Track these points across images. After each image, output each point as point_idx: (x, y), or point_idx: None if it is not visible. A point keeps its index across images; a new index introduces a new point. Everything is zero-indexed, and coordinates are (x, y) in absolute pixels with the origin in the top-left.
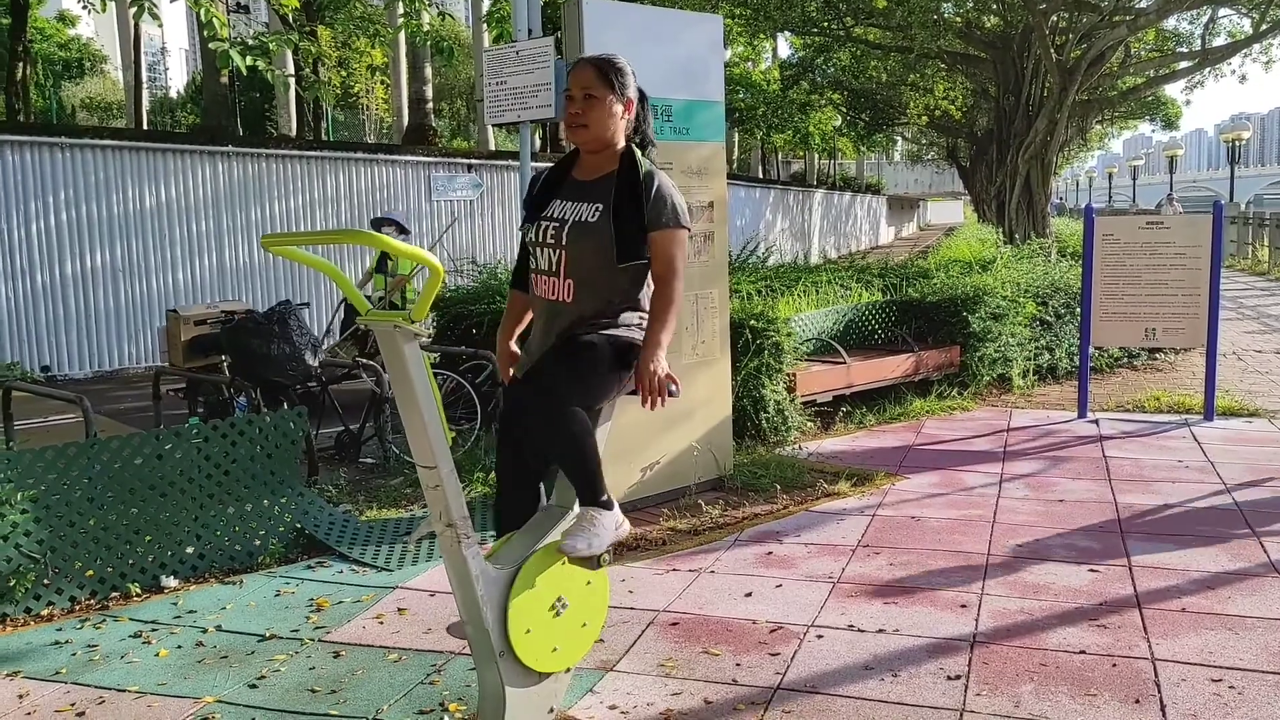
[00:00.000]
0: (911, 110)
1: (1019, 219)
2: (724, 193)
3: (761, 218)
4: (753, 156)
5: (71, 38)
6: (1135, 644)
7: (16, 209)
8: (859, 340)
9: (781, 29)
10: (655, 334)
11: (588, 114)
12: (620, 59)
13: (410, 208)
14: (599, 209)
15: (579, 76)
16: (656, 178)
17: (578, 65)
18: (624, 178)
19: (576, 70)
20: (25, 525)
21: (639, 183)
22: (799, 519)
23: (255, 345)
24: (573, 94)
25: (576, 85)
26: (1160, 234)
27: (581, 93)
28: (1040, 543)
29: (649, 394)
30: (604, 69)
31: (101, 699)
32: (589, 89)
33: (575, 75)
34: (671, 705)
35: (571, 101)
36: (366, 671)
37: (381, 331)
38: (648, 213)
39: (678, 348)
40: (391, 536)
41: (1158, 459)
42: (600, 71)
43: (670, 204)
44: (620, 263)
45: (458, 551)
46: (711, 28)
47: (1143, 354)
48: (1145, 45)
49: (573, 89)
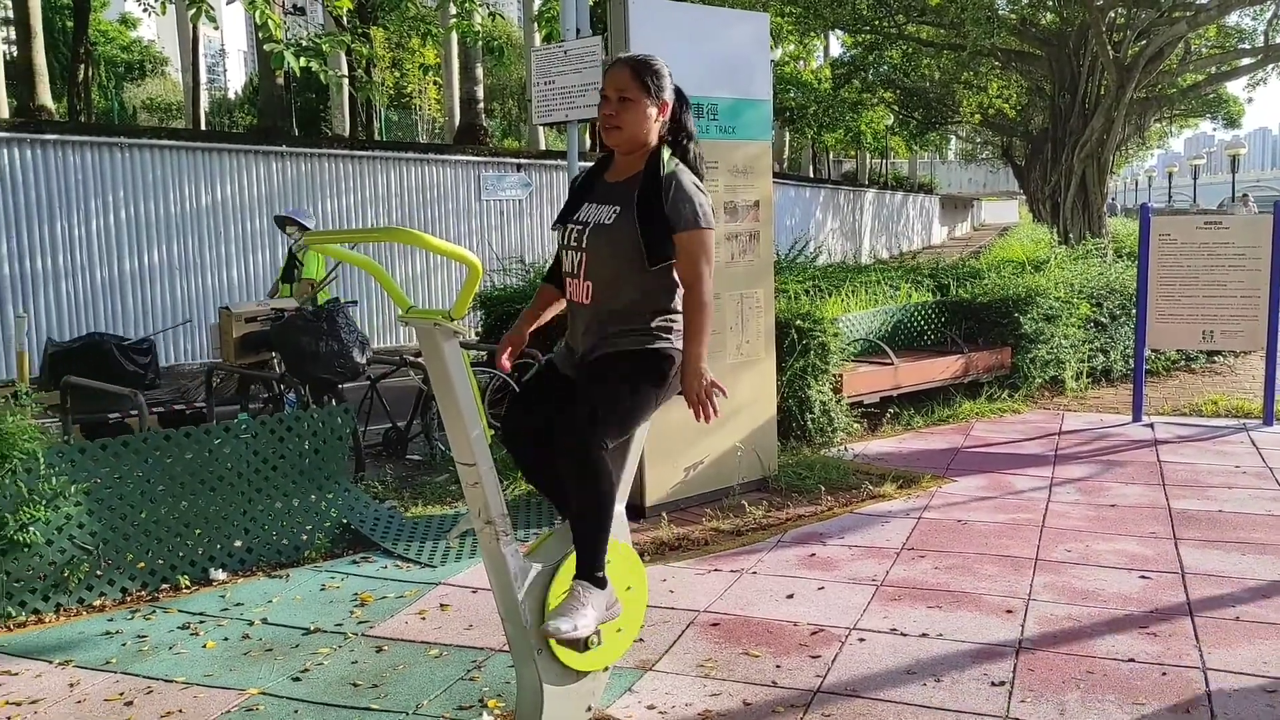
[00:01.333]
0: (965, 109)
1: (1074, 219)
2: (770, 192)
3: (811, 217)
4: (803, 156)
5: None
6: (1186, 653)
7: (77, 207)
8: (907, 341)
9: (832, 27)
10: (693, 348)
11: (621, 116)
12: (656, 60)
13: (460, 207)
14: (616, 211)
15: (614, 78)
16: (678, 177)
17: (613, 66)
18: (647, 179)
19: (612, 72)
20: (79, 517)
21: (660, 183)
22: (843, 521)
23: (304, 342)
24: (608, 95)
25: (611, 87)
26: (1219, 234)
27: (616, 95)
28: (1090, 548)
29: (697, 406)
30: (639, 71)
31: (149, 689)
32: (623, 91)
33: (610, 77)
34: (710, 706)
35: (606, 103)
36: (408, 666)
37: (421, 330)
38: (669, 214)
39: (721, 347)
40: (435, 533)
41: (1214, 464)
42: (635, 73)
43: (692, 204)
44: (651, 265)
45: (496, 549)
46: (758, 26)
47: (1200, 357)
48: (1206, 41)
49: (608, 90)
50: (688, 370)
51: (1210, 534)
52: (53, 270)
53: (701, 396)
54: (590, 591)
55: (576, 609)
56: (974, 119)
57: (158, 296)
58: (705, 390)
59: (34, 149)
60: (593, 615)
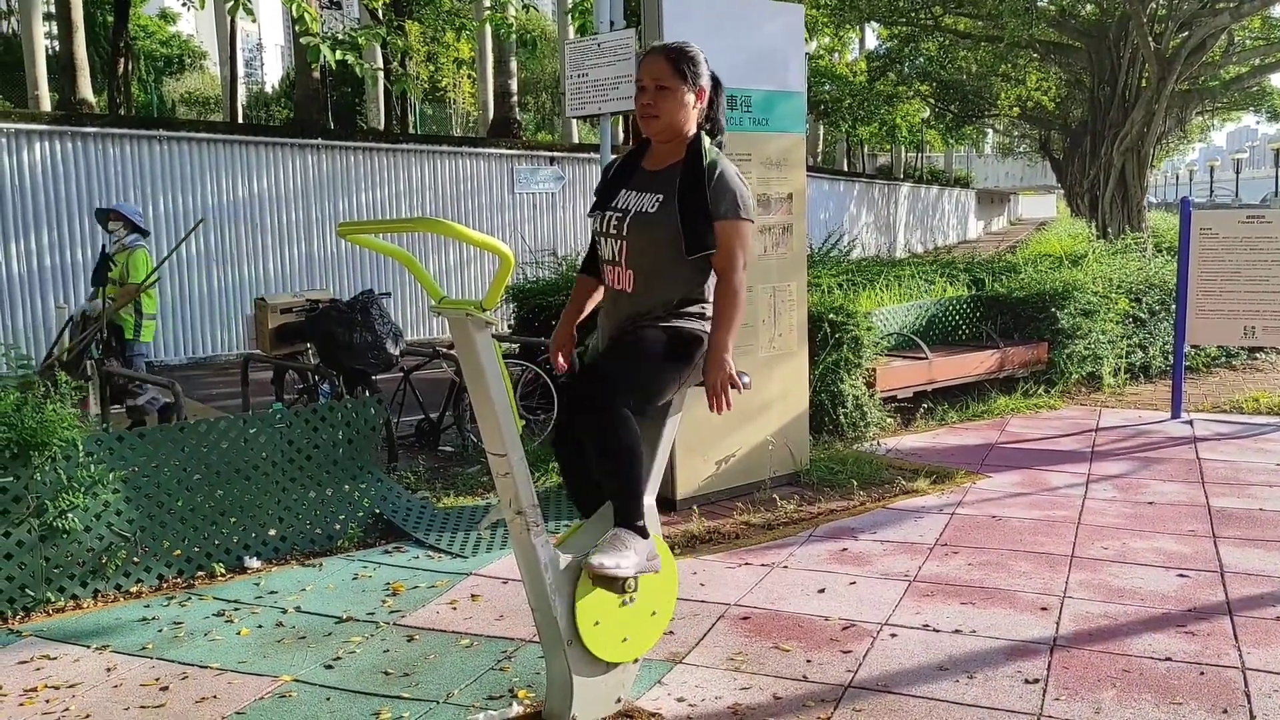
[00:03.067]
0: (1002, 102)
1: (1113, 213)
2: (803, 185)
3: (845, 211)
4: (838, 150)
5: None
6: (1225, 652)
7: (116, 199)
8: (942, 336)
9: (868, 19)
10: (720, 336)
11: (659, 105)
12: (692, 46)
13: (493, 200)
14: (659, 200)
15: (650, 67)
16: (720, 167)
17: (649, 55)
18: (689, 168)
19: (648, 61)
20: (117, 505)
21: (702, 173)
22: (875, 516)
23: (338, 333)
24: (644, 85)
25: (648, 76)
26: (1261, 229)
27: (653, 84)
28: (1127, 546)
29: (714, 396)
30: (675, 59)
31: (184, 674)
32: (660, 80)
33: (646, 66)
34: (740, 700)
35: (643, 92)
36: (439, 656)
37: (453, 320)
38: (710, 203)
39: (753, 340)
40: (467, 524)
41: (1255, 462)
42: (672, 62)
43: (732, 194)
44: (690, 254)
45: (527, 539)
46: (792, 18)
47: (1242, 353)
48: (1249, 33)
49: (644, 79)
50: (711, 358)
51: (1250, 532)
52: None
53: (720, 386)
54: (632, 537)
55: (620, 549)
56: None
57: (195, 288)
58: (725, 380)
59: (75, 142)
60: (634, 559)
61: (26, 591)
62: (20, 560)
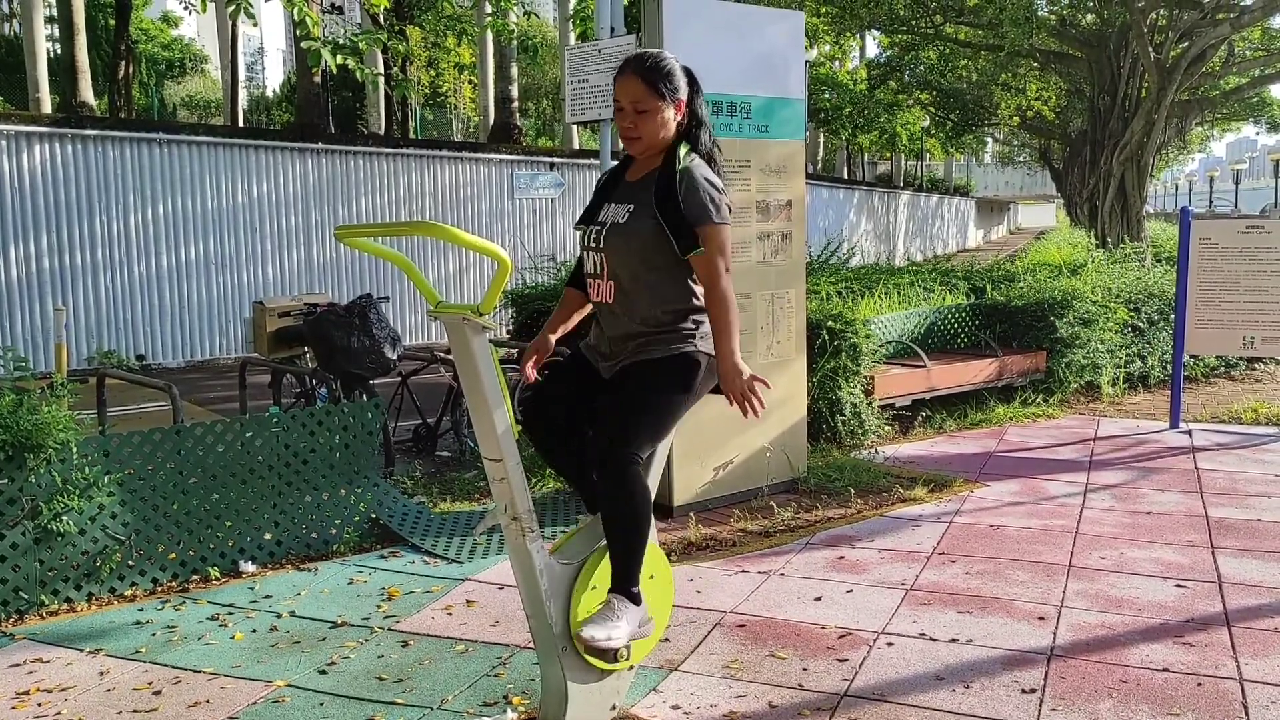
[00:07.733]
0: (1002, 110)
1: (1112, 222)
2: (802, 192)
3: (845, 219)
4: (838, 157)
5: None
6: (1222, 663)
7: (116, 203)
8: (940, 344)
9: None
10: (724, 345)
11: (640, 127)
12: (665, 58)
13: (493, 205)
14: (629, 210)
15: (626, 89)
16: (690, 172)
17: (622, 74)
18: (663, 176)
19: (622, 81)
20: (112, 508)
21: (675, 181)
22: (873, 524)
23: (336, 337)
24: (623, 107)
25: (625, 98)
26: (1261, 239)
27: (631, 107)
28: (1125, 555)
29: (741, 402)
30: (649, 78)
31: (178, 679)
32: (638, 103)
33: (622, 87)
34: (735, 708)
35: (622, 114)
36: (433, 661)
37: (450, 324)
38: (684, 210)
39: (752, 347)
40: (463, 529)
41: (1253, 472)
42: (648, 84)
43: (701, 200)
44: (684, 254)
45: (522, 545)
46: (792, 24)
47: (1240, 363)
48: (1249, 44)
49: (622, 101)
50: (724, 369)
51: (1249, 543)
52: (91, 265)
53: (744, 393)
54: (625, 605)
55: (612, 619)
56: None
57: (194, 292)
58: (747, 385)
59: (75, 144)
60: (625, 629)
61: (20, 594)
62: (14, 563)
